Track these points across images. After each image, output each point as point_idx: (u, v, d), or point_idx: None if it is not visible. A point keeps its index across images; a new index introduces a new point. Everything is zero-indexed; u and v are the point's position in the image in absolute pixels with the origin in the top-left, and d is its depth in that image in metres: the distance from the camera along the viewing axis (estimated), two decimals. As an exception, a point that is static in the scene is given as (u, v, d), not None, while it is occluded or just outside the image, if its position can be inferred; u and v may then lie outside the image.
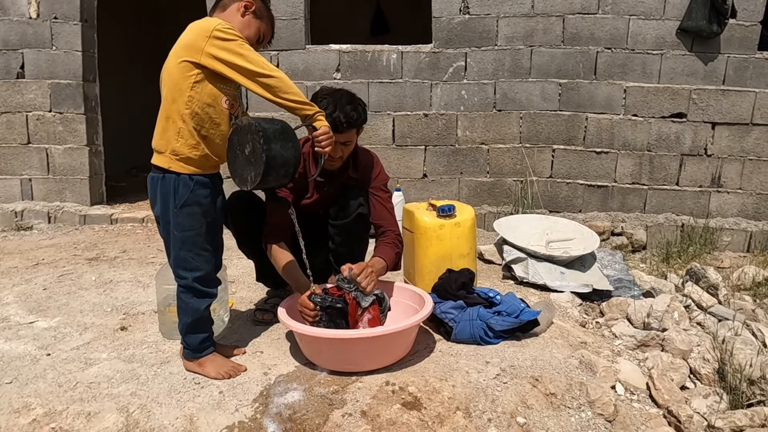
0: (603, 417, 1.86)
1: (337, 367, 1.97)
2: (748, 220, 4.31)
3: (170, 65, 1.87)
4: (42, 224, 4.50)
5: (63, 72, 4.55)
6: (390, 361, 2.00)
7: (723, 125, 4.26)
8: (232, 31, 1.81)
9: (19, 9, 4.49)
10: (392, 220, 2.39)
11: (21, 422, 1.74)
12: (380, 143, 4.48)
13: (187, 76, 1.82)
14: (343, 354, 1.95)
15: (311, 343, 1.99)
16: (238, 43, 1.80)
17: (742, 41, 4.15)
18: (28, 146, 4.65)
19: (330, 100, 2.18)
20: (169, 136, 1.87)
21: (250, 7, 1.97)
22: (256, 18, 1.98)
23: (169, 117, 1.86)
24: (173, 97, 1.85)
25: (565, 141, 4.39)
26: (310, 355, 2.03)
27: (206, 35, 1.79)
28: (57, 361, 2.09)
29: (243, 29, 1.93)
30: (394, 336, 1.94)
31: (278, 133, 1.77)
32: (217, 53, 1.79)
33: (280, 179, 1.83)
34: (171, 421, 1.73)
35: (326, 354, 1.98)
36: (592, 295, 2.93)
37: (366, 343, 1.92)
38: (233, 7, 1.97)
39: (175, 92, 1.84)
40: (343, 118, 2.15)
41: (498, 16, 4.27)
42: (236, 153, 1.82)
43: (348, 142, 2.25)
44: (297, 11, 4.37)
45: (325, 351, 1.97)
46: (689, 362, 2.30)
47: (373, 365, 1.96)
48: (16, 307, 2.66)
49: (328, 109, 2.14)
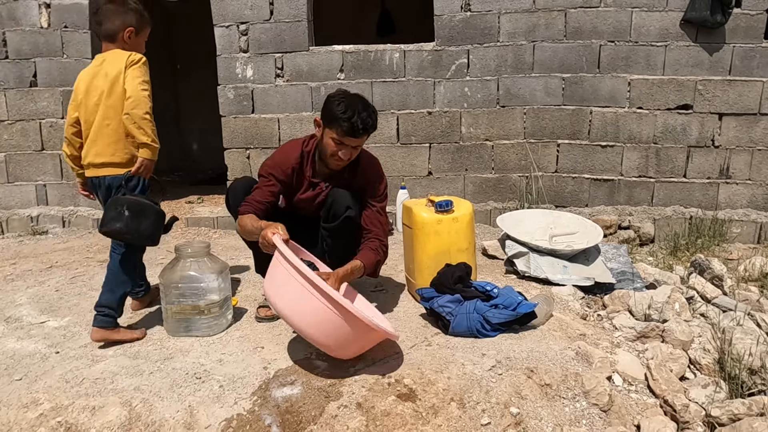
0: (598, 407, 1.87)
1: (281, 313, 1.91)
2: (758, 211, 4.25)
3: None
4: (57, 228, 4.61)
5: (74, 79, 4.60)
6: (328, 341, 1.88)
7: (730, 116, 4.21)
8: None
9: (30, 19, 4.61)
10: (381, 229, 2.40)
11: (29, 416, 1.80)
12: (385, 142, 4.51)
13: None
14: (299, 307, 1.85)
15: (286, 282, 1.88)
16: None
17: (748, 30, 4.10)
18: (42, 153, 4.77)
19: (347, 104, 2.22)
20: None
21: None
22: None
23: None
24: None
25: (570, 135, 4.38)
26: (272, 294, 1.95)
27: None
28: (65, 358, 2.15)
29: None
30: (354, 320, 1.81)
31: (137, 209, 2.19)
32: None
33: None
34: (172, 414, 1.78)
35: (286, 298, 1.88)
36: (595, 288, 2.94)
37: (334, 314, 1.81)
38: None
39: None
40: (360, 124, 2.20)
41: (499, 12, 4.28)
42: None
43: (358, 146, 2.30)
44: (300, 13, 4.42)
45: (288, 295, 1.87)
46: (690, 353, 2.29)
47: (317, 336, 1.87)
48: (29, 307, 2.74)
49: (345, 114, 2.19)
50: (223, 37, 4.50)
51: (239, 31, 4.48)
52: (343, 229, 2.32)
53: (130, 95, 2.22)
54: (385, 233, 2.43)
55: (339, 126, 2.22)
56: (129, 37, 2.35)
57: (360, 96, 2.33)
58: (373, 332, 1.86)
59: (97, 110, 2.28)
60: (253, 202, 2.33)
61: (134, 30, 2.35)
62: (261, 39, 4.47)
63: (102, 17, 2.35)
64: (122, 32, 2.33)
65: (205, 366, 2.04)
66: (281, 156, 2.42)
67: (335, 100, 2.25)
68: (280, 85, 4.53)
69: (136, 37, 2.38)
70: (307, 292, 1.79)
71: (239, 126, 4.61)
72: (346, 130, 2.21)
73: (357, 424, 1.73)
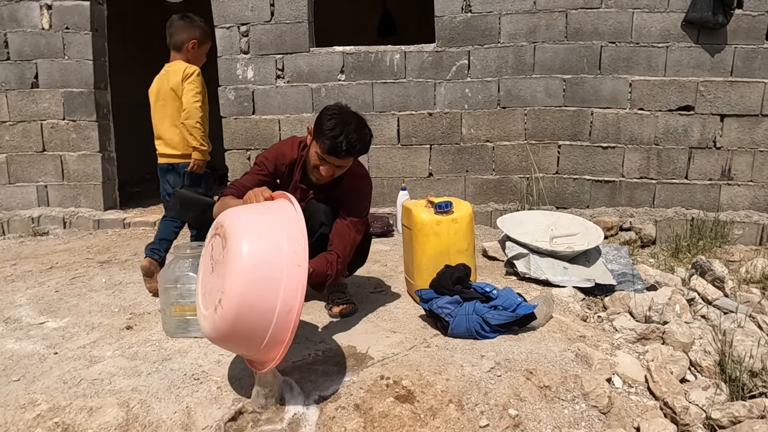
0: (597, 409, 1.86)
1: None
2: (759, 213, 4.24)
3: None
4: (57, 229, 4.62)
5: (75, 80, 4.67)
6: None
7: (732, 117, 4.20)
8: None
9: (32, 21, 4.62)
10: (343, 244, 2.29)
11: (26, 417, 1.80)
12: (385, 143, 4.51)
13: None
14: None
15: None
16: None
17: (750, 31, 4.09)
18: (43, 154, 4.78)
19: (337, 121, 2.14)
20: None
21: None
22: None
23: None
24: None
25: (571, 136, 4.37)
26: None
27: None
28: (63, 359, 2.15)
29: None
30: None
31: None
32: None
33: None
34: (169, 415, 1.78)
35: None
36: (595, 290, 2.92)
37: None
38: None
39: None
40: (345, 145, 2.13)
41: (500, 14, 4.27)
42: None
43: (342, 167, 2.24)
44: (301, 15, 4.43)
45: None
46: (690, 355, 2.28)
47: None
48: (29, 308, 2.74)
49: (333, 131, 2.12)
50: (224, 39, 4.51)
51: (240, 32, 4.49)
52: (315, 247, 2.20)
53: (185, 107, 2.79)
54: (345, 250, 2.31)
55: (323, 142, 2.15)
56: (192, 48, 2.90)
57: (357, 115, 2.23)
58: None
59: (162, 113, 2.90)
60: (239, 186, 2.27)
61: (197, 42, 2.91)
62: (262, 40, 4.48)
63: (173, 30, 2.91)
64: (187, 44, 2.88)
65: (203, 367, 2.03)
66: (279, 151, 2.39)
67: (328, 114, 2.18)
68: (281, 87, 4.53)
69: (199, 49, 2.94)
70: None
71: (240, 127, 4.61)
72: (328, 149, 2.15)
73: (355, 425, 1.72)
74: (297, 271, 1.60)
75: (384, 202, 4.54)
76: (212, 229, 1.82)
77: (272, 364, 1.67)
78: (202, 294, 1.78)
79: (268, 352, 1.64)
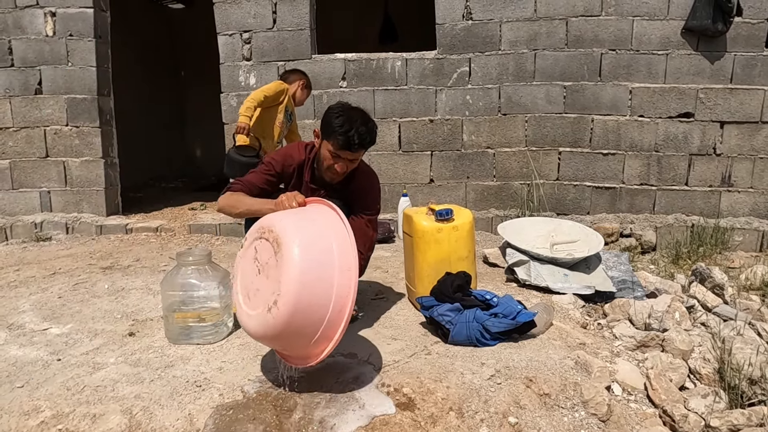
0: (596, 417, 1.87)
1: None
2: (760, 219, 4.25)
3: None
4: (60, 235, 4.64)
5: (79, 87, 4.70)
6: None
7: (732, 124, 4.22)
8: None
9: (36, 27, 4.66)
10: (364, 243, 2.36)
11: (30, 424, 1.81)
12: (387, 149, 4.53)
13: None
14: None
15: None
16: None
17: (749, 39, 4.11)
18: (46, 160, 4.81)
19: (345, 118, 2.21)
20: None
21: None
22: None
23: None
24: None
25: (572, 143, 4.39)
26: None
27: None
28: (67, 365, 2.16)
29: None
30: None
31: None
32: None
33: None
34: (172, 422, 1.79)
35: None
36: (595, 297, 2.93)
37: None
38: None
39: None
40: (357, 138, 2.19)
41: (501, 21, 4.30)
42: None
43: (355, 160, 2.30)
44: (303, 22, 4.46)
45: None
46: (690, 362, 2.29)
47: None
48: (32, 314, 2.76)
49: (343, 127, 2.19)
50: (227, 45, 4.54)
51: (242, 39, 4.52)
52: None
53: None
54: (367, 247, 2.40)
55: (335, 139, 2.22)
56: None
57: (360, 110, 2.31)
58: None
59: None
60: (246, 182, 2.33)
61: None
62: (264, 47, 4.51)
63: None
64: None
65: (206, 374, 2.04)
66: (286, 153, 2.44)
67: (334, 113, 2.25)
68: (283, 93, 4.55)
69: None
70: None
71: (242, 133, 4.63)
72: (342, 144, 2.21)
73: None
74: (348, 274, 1.74)
75: (385, 209, 4.55)
76: (255, 233, 1.89)
77: (317, 359, 1.79)
78: (244, 294, 1.87)
79: (316, 347, 1.78)
